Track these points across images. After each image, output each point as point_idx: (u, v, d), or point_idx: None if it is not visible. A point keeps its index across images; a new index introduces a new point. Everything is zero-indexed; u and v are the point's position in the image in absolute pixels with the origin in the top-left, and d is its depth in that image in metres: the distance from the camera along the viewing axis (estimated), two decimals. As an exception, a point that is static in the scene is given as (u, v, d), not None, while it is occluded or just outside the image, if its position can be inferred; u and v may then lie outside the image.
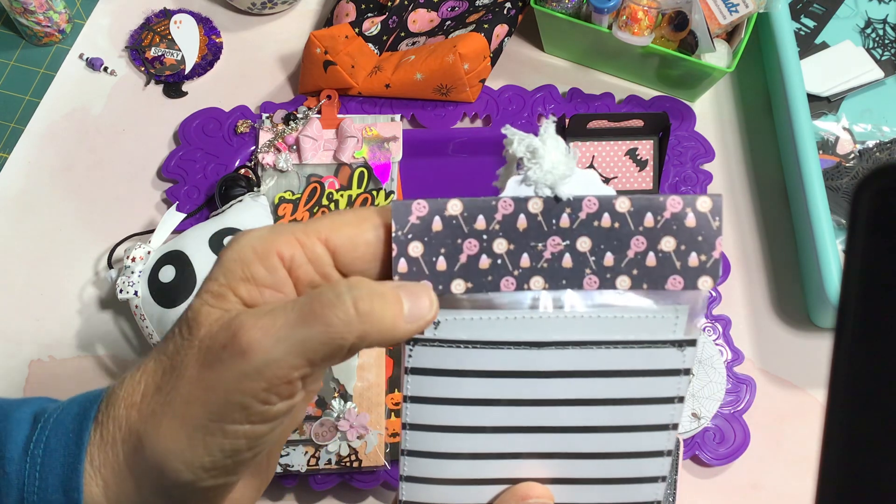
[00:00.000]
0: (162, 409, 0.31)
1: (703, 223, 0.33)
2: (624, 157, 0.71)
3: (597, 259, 0.33)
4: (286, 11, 0.94)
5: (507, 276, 0.33)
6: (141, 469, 0.31)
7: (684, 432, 0.70)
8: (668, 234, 0.33)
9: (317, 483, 0.70)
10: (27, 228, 0.82)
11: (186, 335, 0.31)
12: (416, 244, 0.32)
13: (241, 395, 0.30)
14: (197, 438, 0.30)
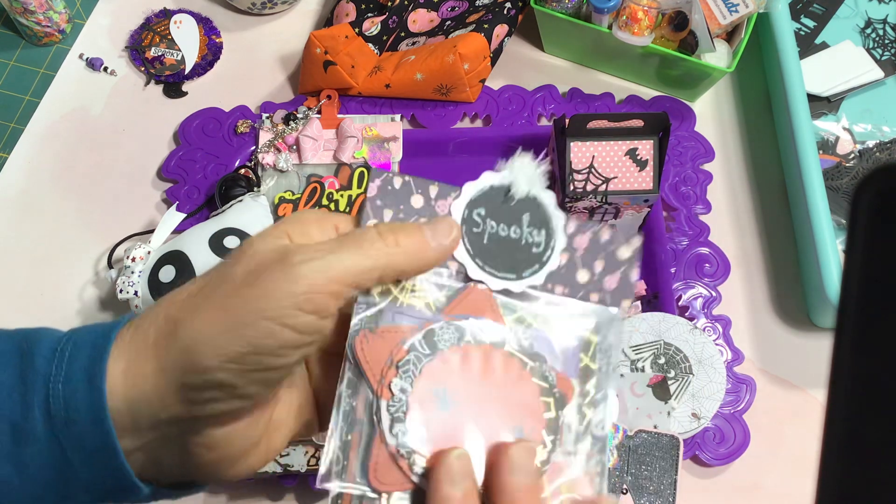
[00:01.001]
0: (204, 302, 0.33)
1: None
2: (624, 157, 0.71)
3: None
4: (286, 11, 0.94)
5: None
6: (168, 350, 0.33)
7: (684, 432, 0.70)
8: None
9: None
10: (27, 228, 0.82)
11: (237, 253, 0.35)
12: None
13: (280, 294, 0.32)
14: (231, 326, 0.32)
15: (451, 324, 0.36)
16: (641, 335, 0.73)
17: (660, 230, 0.79)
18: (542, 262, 0.38)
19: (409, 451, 0.35)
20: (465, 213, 0.38)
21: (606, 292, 0.38)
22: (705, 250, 0.79)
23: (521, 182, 0.38)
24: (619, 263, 0.39)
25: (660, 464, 0.68)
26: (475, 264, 0.37)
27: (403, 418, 0.35)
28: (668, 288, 0.77)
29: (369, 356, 0.36)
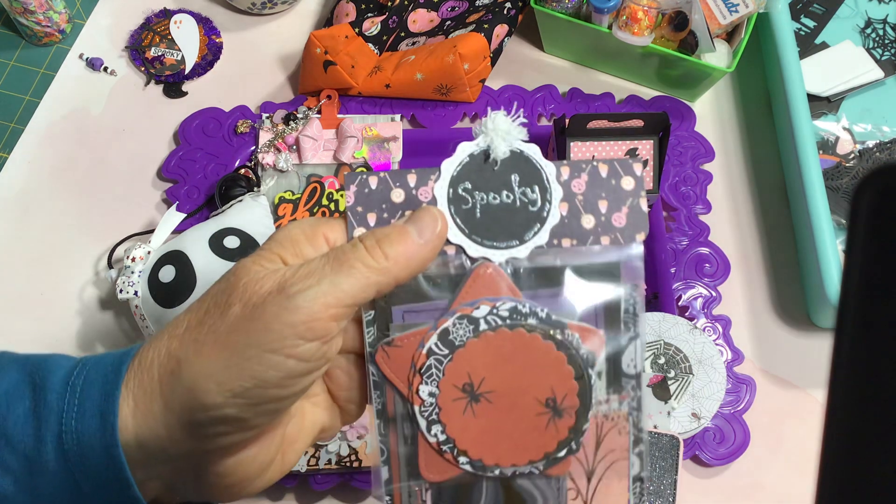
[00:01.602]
0: (204, 338, 0.33)
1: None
2: (624, 157, 0.71)
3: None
4: (286, 11, 0.94)
5: None
6: (173, 389, 0.33)
7: (684, 432, 0.70)
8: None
9: (317, 483, 0.70)
10: (27, 228, 0.82)
11: (232, 280, 0.34)
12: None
13: (280, 325, 0.32)
14: (234, 362, 0.32)
15: (463, 317, 0.36)
16: (641, 335, 0.73)
17: (660, 230, 0.79)
18: (542, 219, 0.37)
19: (452, 446, 0.36)
20: (450, 193, 0.37)
21: (617, 231, 0.37)
22: (705, 250, 0.79)
23: (498, 142, 0.37)
24: (624, 195, 0.37)
25: (660, 464, 0.68)
26: (472, 242, 0.36)
27: (438, 419, 0.36)
28: (668, 288, 0.77)
29: (393, 369, 0.36)
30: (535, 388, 0.37)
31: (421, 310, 0.36)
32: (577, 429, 0.37)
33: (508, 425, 0.37)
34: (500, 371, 0.36)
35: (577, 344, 0.37)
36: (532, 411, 0.37)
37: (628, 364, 0.38)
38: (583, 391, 0.37)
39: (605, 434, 0.38)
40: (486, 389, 0.36)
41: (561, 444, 0.37)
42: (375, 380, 0.36)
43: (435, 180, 0.37)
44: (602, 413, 0.37)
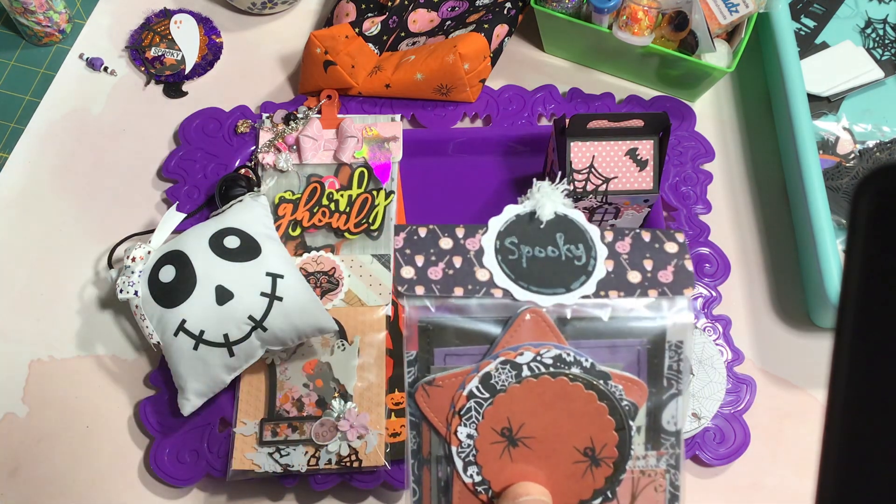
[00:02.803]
0: None
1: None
2: (624, 157, 0.71)
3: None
4: (286, 11, 0.94)
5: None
6: None
7: (684, 432, 0.70)
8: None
9: (317, 483, 0.70)
10: (27, 228, 0.82)
11: None
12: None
13: None
14: None
15: (506, 362, 0.36)
16: (641, 335, 0.73)
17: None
18: (588, 273, 0.37)
19: (487, 487, 0.37)
20: (497, 245, 0.37)
21: (664, 285, 0.37)
22: (705, 250, 0.79)
23: (544, 203, 0.37)
24: (668, 257, 0.38)
25: (660, 464, 0.68)
26: (519, 287, 0.37)
27: (475, 461, 0.37)
28: (668, 288, 0.77)
29: (433, 408, 0.37)
30: (575, 437, 0.37)
31: (463, 353, 0.37)
32: (613, 479, 0.37)
33: (545, 471, 0.37)
34: (541, 417, 0.37)
35: (620, 395, 0.37)
36: (570, 459, 0.37)
37: (668, 421, 0.38)
38: (622, 442, 0.37)
39: (641, 490, 0.38)
40: (525, 435, 0.37)
41: (596, 492, 0.37)
42: (413, 420, 0.37)
43: (482, 234, 0.38)
44: (639, 468, 0.38)
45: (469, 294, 0.36)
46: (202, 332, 0.67)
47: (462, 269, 0.36)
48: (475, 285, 0.36)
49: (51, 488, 0.72)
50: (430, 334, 0.36)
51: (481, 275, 0.36)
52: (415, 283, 0.36)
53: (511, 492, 0.36)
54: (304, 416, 0.70)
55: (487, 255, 0.37)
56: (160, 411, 0.73)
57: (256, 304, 0.67)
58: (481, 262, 0.37)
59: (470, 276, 0.36)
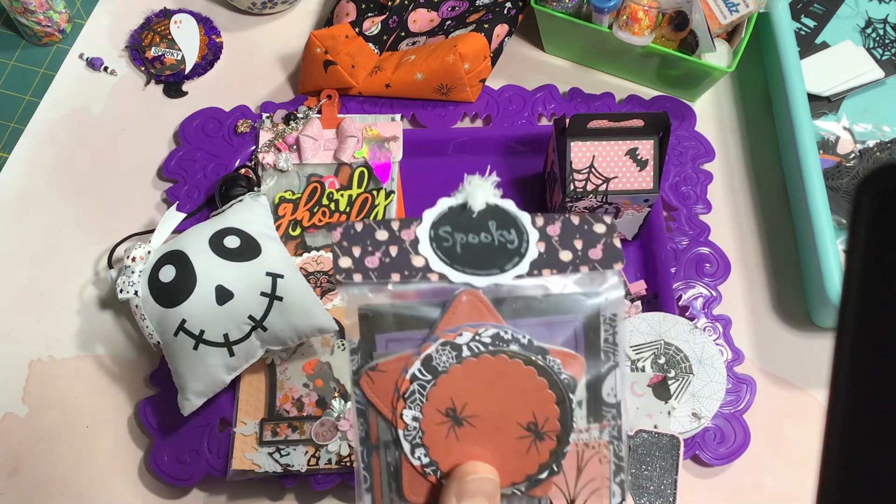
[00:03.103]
0: None
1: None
2: (624, 156, 0.71)
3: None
4: (286, 11, 0.94)
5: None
6: None
7: (684, 432, 0.70)
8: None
9: (317, 483, 0.70)
10: (27, 228, 0.82)
11: None
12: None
13: None
14: None
15: (446, 343, 0.37)
16: (641, 335, 0.73)
17: (660, 230, 0.79)
18: (520, 255, 0.38)
19: (435, 468, 0.37)
20: (432, 234, 0.38)
21: (594, 261, 0.39)
22: (705, 250, 0.79)
23: (476, 195, 0.39)
24: (597, 237, 0.39)
25: (660, 464, 0.68)
26: (454, 270, 0.38)
27: (421, 443, 0.37)
28: (668, 288, 0.77)
29: (378, 393, 0.37)
30: (517, 413, 0.38)
31: (403, 338, 0.37)
32: (558, 452, 0.38)
33: (491, 448, 0.38)
34: (483, 396, 0.37)
35: (559, 369, 0.38)
36: (514, 435, 0.38)
37: (608, 393, 0.39)
38: (564, 415, 0.38)
39: (586, 463, 0.39)
40: (469, 414, 0.37)
41: (542, 466, 0.38)
42: (360, 406, 0.37)
43: (417, 225, 0.39)
44: (583, 441, 0.38)
45: (406, 280, 0.37)
46: (202, 332, 0.67)
47: (398, 257, 0.37)
48: (411, 271, 0.37)
49: (51, 488, 0.72)
50: (371, 321, 0.37)
51: (417, 261, 0.37)
52: (352, 272, 0.37)
53: (459, 471, 0.37)
54: (304, 416, 0.70)
55: (423, 243, 0.38)
56: (160, 411, 0.73)
57: (256, 303, 0.67)
58: (417, 250, 0.38)
59: (406, 262, 0.37)
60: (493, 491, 0.37)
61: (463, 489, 0.36)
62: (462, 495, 0.36)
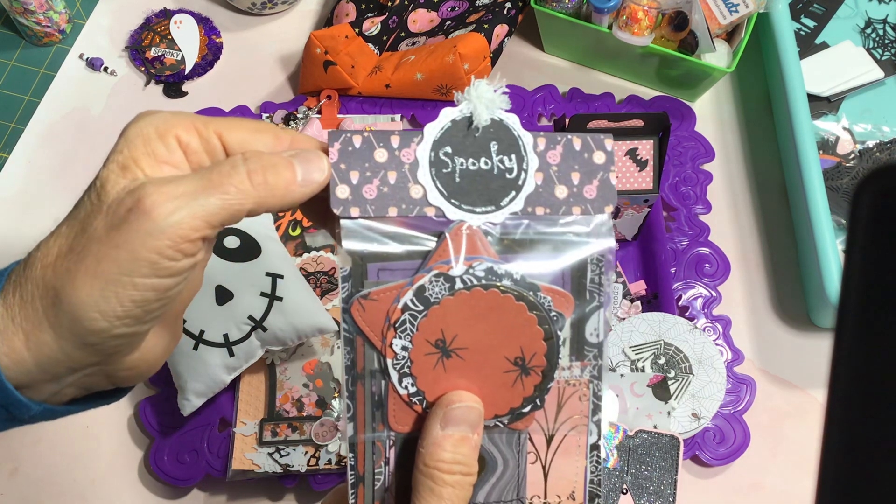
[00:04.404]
0: (76, 267, 0.33)
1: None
2: (624, 157, 0.71)
3: None
4: (286, 11, 0.94)
5: None
6: (59, 320, 0.33)
7: (684, 432, 0.70)
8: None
9: (317, 483, 0.70)
10: (27, 228, 0.82)
11: (95, 200, 0.34)
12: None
13: (147, 252, 0.32)
14: (109, 290, 0.33)
15: (440, 275, 0.37)
16: (641, 335, 0.73)
17: (660, 230, 0.79)
18: (517, 187, 0.38)
19: (421, 398, 0.37)
20: (432, 156, 0.38)
21: (588, 202, 0.39)
22: (705, 250, 0.79)
23: (480, 109, 0.38)
24: (595, 169, 0.39)
25: (660, 464, 0.68)
26: (451, 205, 0.37)
27: (409, 373, 0.37)
28: (668, 288, 0.77)
29: (368, 321, 0.37)
30: (506, 347, 0.38)
31: (396, 268, 0.37)
32: (542, 387, 0.38)
33: (477, 381, 0.38)
34: (473, 329, 0.38)
35: (549, 306, 0.38)
36: (501, 368, 0.38)
37: (591, 333, 0.39)
38: (550, 352, 0.38)
39: (566, 400, 0.39)
40: (458, 346, 0.38)
41: (526, 400, 0.39)
42: (347, 335, 0.37)
43: (417, 143, 0.38)
44: (564, 379, 0.39)
45: (403, 213, 0.37)
46: (202, 332, 0.67)
47: (396, 186, 0.37)
48: (409, 203, 0.37)
49: (51, 488, 0.72)
50: (364, 251, 0.37)
51: (415, 191, 0.37)
52: (350, 204, 0.36)
53: (444, 400, 0.37)
54: (304, 416, 0.70)
55: (422, 168, 0.37)
56: (160, 411, 0.73)
57: (256, 304, 0.67)
58: (415, 176, 0.37)
59: (404, 193, 0.37)
60: (477, 420, 0.37)
61: (448, 416, 0.37)
62: (447, 422, 0.36)
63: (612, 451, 0.68)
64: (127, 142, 0.36)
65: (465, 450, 0.36)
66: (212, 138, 0.36)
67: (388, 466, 0.38)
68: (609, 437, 0.68)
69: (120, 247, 0.32)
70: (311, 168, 0.35)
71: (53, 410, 0.36)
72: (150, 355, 0.37)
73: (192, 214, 0.33)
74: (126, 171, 0.35)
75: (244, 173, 0.34)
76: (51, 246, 0.35)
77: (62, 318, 0.33)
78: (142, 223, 0.32)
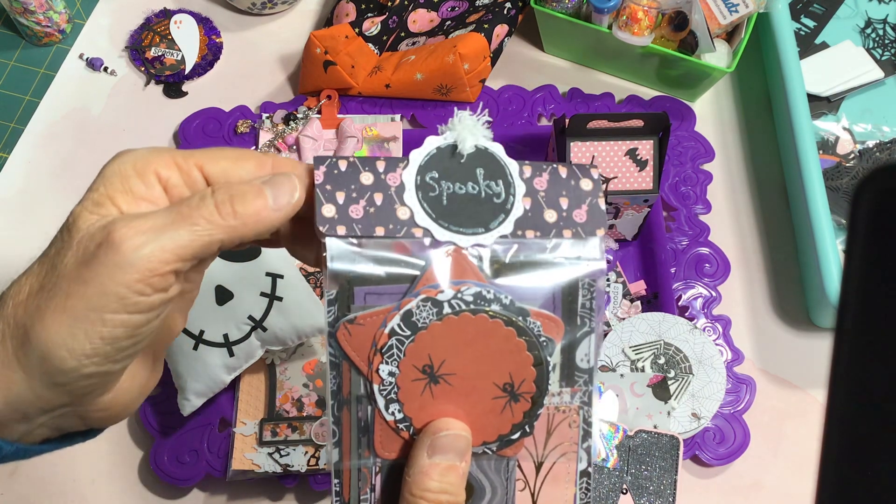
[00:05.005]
0: (45, 304, 0.33)
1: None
2: (624, 157, 0.71)
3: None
4: (286, 11, 0.94)
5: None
6: (28, 359, 0.33)
7: (684, 432, 0.70)
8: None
9: (317, 483, 0.70)
10: (27, 228, 0.82)
11: (66, 237, 0.34)
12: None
13: (115, 286, 0.32)
14: (78, 328, 0.32)
15: (427, 300, 0.36)
16: (641, 335, 0.73)
17: (660, 230, 0.79)
18: (506, 211, 0.38)
19: (408, 424, 0.37)
20: (418, 180, 0.37)
21: (578, 225, 0.38)
22: (705, 250, 0.79)
23: (465, 137, 0.37)
24: (583, 195, 0.38)
25: (660, 464, 0.68)
26: (439, 227, 0.37)
27: (396, 398, 0.37)
28: (668, 288, 0.77)
29: (354, 346, 0.36)
30: (494, 373, 0.37)
31: (383, 292, 0.37)
32: (531, 413, 0.38)
33: (465, 407, 0.38)
34: (461, 354, 0.37)
35: (538, 332, 0.38)
36: (489, 395, 0.38)
37: (582, 358, 0.39)
38: (540, 378, 0.38)
39: (556, 426, 0.39)
40: (446, 371, 0.37)
41: (515, 427, 0.38)
42: (333, 360, 0.36)
43: (403, 168, 0.37)
44: (554, 405, 0.39)
45: (390, 234, 0.36)
46: (202, 332, 0.67)
47: (383, 207, 0.36)
48: (396, 224, 0.36)
49: (51, 488, 0.72)
50: (350, 273, 0.36)
51: (402, 213, 0.36)
52: (336, 223, 0.36)
53: (432, 427, 0.37)
54: (304, 416, 0.70)
55: (408, 191, 0.37)
56: (160, 411, 0.73)
57: (256, 303, 0.67)
58: (402, 199, 0.37)
59: (391, 214, 0.36)
60: (465, 448, 0.37)
61: (435, 444, 0.36)
62: (434, 450, 0.36)
63: (612, 451, 0.68)
64: (104, 180, 0.35)
65: (453, 478, 0.36)
66: (192, 171, 0.35)
67: (373, 493, 0.37)
68: (609, 437, 0.68)
69: (88, 282, 0.32)
70: (281, 192, 0.35)
71: (27, 450, 0.35)
72: (125, 397, 0.36)
73: (162, 247, 0.32)
74: (99, 207, 0.34)
75: (212, 205, 0.33)
76: (22, 284, 0.34)
77: (31, 356, 0.32)
78: (110, 257, 0.32)
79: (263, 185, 0.35)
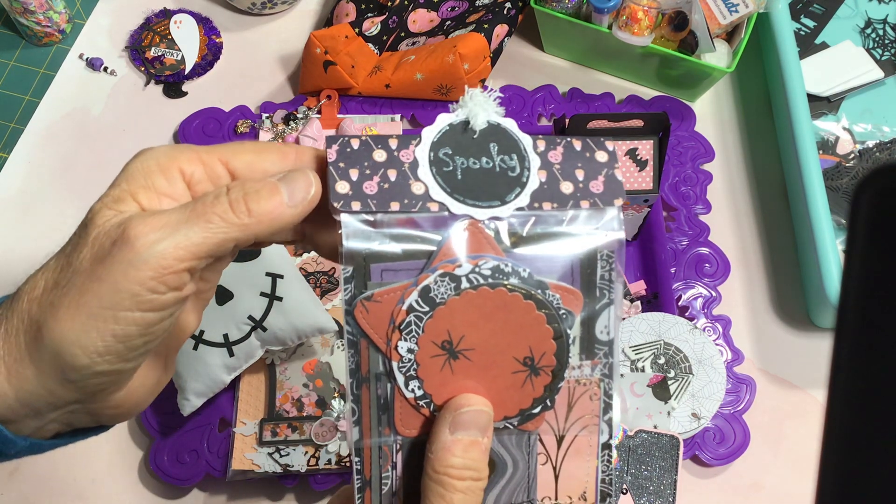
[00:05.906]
0: (59, 300, 0.33)
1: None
2: (624, 157, 0.71)
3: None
4: (286, 11, 0.94)
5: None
6: (41, 355, 0.33)
7: (684, 432, 0.70)
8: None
9: (317, 483, 0.70)
10: (27, 228, 0.82)
11: (83, 233, 0.34)
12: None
13: (129, 283, 0.31)
14: (90, 325, 0.32)
15: (445, 275, 0.36)
16: (641, 335, 0.73)
17: (660, 230, 0.79)
18: (521, 184, 0.37)
19: (429, 401, 0.37)
20: (431, 156, 0.37)
21: (596, 196, 0.38)
22: (705, 250, 0.79)
23: (477, 112, 0.37)
24: (599, 166, 0.38)
25: (660, 464, 0.68)
26: (455, 200, 0.36)
27: (416, 375, 0.37)
28: (668, 288, 0.77)
29: (372, 324, 0.36)
30: (514, 347, 0.37)
31: (400, 268, 0.36)
32: (552, 387, 0.38)
33: (486, 382, 0.37)
34: (480, 329, 0.37)
35: (558, 304, 0.37)
36: (509, 369, 0.37)
37: (601, 330, 0.38)
38: (560, 351, 0.37)
39: (577, 399, 0.39)
40: (466, 347, 0.37)
41: (536, 401, 0.38)
42: (351, 338, 0.36)
43: (416, 145, 0.37)
44: (574, 378, 0.38)
45: (405, 208, 0.36)
46: (202, 332, 0.67)
47: (397, 182, 0.36)
48: (411, 199, 0.36)
49: (51, 488, 0.72)
50: (366, 250, 0.36)
51: (416, 188, 0.36)
52: (350, 199, 0.35)
53: (453, 403, 0.37)
54: (304, 416, 0.70)
55: (422, 167, 0.36)
56: (160, 411, 0.73)
57: (256, 303, 0.67)
58: (416, 174, 0.36)
59: (405, 189, 0.36)
60: (487, 423, 0.37)
61: (457, 421, 0.36)
62: (456, 427, 0.36)
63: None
64: (126, 176, 0.35)
65: (476, 454, 0.36)
66: (216, 166, 0.35)
67: (395, 471, 0.37)
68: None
69: (103, 279, 0.32)
70: (297, 188, 0.34)
71: (40, 445, 0.35)
72: (136, 395, 0.36)
73: (176, 245, 0.32)
74: (119, 203, 0.34)
75: (226, 202, 0.33)
76: (38, 279, 0.34)
77: (44, 352, 0.32)
78: (125, 254, 0.31)
79: (279, 181, 0.34)
